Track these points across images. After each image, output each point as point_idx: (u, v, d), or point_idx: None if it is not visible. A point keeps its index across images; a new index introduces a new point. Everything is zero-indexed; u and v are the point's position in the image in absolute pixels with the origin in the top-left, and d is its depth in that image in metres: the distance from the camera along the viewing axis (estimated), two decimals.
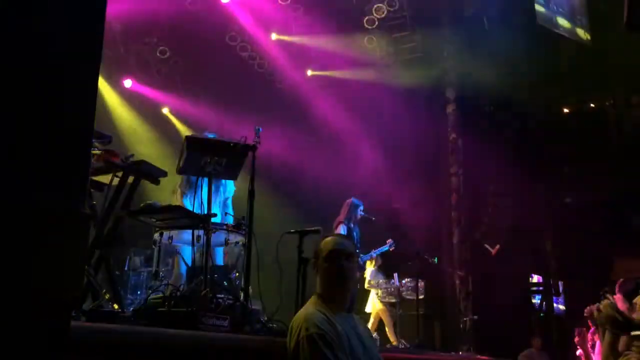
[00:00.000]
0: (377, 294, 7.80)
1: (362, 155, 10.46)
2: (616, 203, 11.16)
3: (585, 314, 4.80)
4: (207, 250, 3.76)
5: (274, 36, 10.48)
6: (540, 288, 12.18)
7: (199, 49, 9.98)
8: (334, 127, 10.62)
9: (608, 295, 3.90)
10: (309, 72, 11.27)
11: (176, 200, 5.30)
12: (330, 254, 2.62)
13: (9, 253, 0.99)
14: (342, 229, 6.76)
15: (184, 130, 10.17)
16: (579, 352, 5.67)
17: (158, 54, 9.98)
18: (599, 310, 3.61)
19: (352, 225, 6.87)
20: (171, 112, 10.52)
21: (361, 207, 7.05)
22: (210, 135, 5.35)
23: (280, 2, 9.75)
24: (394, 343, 7.25)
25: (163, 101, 10.40)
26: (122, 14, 8.59)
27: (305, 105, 10.75)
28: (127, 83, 9.82)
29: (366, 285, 7.89)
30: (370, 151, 10.49)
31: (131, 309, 4.01)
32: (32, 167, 1.07)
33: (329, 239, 2.72)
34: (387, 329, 7.64)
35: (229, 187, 5.51)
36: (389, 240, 7.54)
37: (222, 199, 5.41)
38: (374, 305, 7.82)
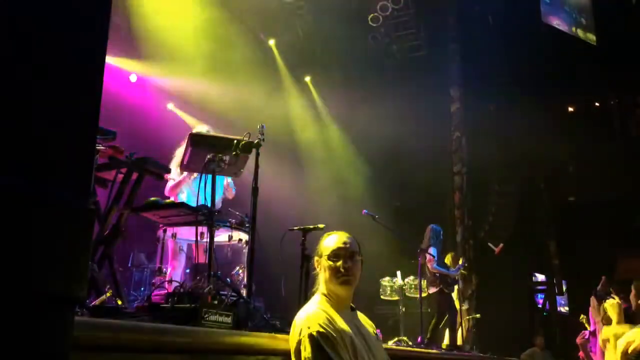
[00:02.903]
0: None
1: (364, 154, 10.45)
2: (620, 202, 11.13)
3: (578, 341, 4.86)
4: (210, 246, 3.77)
5: (270, 41, 10.48)
6: (544, 287, 12.17)
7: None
8: (336, 126, 10.62)
9: (613, 295, 3.88)
10: (307, 78, 11.26)
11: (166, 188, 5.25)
12: (334, 252, 2.61)
13: (12, 248, 0.99)
14: (434, 251, 7.43)
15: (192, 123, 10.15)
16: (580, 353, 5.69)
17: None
18: (605, 310, 3.60)
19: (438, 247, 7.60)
20: (176, 106, 10.49)
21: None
22: (202, 128, 5.31)
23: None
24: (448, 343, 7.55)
25: (167, 96, 10.38)
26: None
27: (308, 104, 10.75)
28: (132, 78, 9.82)
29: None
30: (373, 150, 10.48)
31: (134, 305, 4.01)
32: (35, 162, 1.07)
33: (331, 237, 2.70)
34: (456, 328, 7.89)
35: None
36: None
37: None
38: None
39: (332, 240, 2.66)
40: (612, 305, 3.51)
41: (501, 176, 11.00)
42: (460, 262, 7.99)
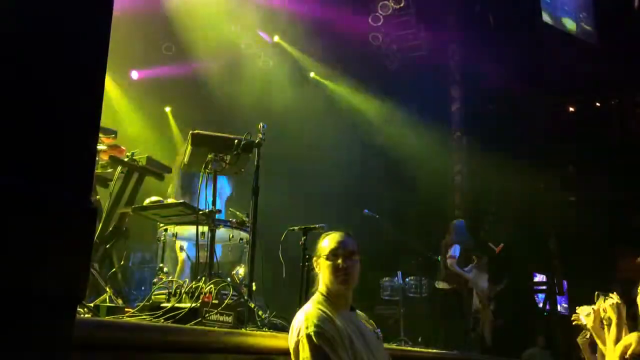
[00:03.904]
0: (476, 292, 7.94)
1: (366, 153, 10.45)
2: (620, 201, 11.13)
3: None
4: (211, 246, 3.77)
5: (275, 38, 10.48)
6: (544, 287, 12.15)
7: (205, 45, 9.96)
8: (338, 125, 10.60)
9: (612, 295, 3.87)
10: (312, 74, 11.25)
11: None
12: (332, 251, 2.60)
13: (13, 248, 0.99)
14: (456, 249, 7.36)
15: (177, 134, 10.18)
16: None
17: (163, 51, 9.99)
18: (604, 310, 3.59)
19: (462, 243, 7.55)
20: (173, 111, 10.50)
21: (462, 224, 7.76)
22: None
23: None
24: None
25: (166, 97, 10.39)
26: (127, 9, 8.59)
27: (309, 102, 10.73)
28: (134, 75, 9.85)
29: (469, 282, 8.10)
30: (375, 149, 10.48)
31: (135, 304, 4.02)
32: (35, 162, 1.07)
33: (330, 236, 2.70)
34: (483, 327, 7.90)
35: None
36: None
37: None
38: (475, 303, 7.99)
39: (331, 240, 2.66)
40: (612, 305, 3.50)
41: (501, 176, 10.99)
42: (475, 261, 7.95)
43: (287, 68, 10.79)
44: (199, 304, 3.07)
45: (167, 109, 10.46)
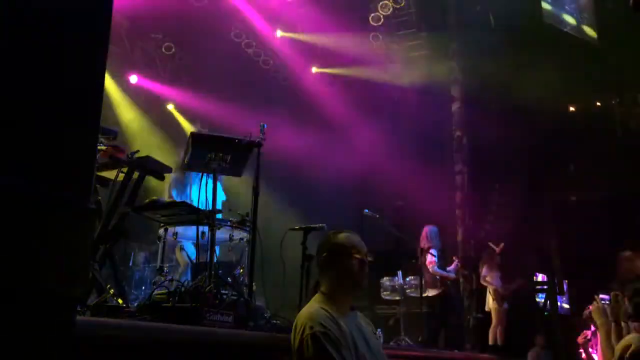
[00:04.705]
0: (489, 292, 7.94)
1: (366, 153, 10.44)
2: (621, 201, 11.12)
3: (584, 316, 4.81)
4: (211, 246, 3.77)
5: (279, 33, 10.49)
6: (545, 287, 12.14)
7: (205, 45, 9.98)
8: (338, 125, 10.61)
9: (596, 298, 3.87)
10: (314, 70, 11.27)
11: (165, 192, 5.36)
12: (360, 252, 2.56)
13: (14, 247, 0.99)
14: (434, 253, 7.34)
15: (188, 127, 10.23)
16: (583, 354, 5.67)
17: (164, 50, 9.99)
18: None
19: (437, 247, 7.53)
20: (176, 108, 10.52)
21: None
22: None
23: None
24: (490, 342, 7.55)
25: (168, 97, 10.41)
26: (128, 9, 8.60)
27: (309, 102, 10.74)
28: (133, 79, 9.83)
29: (481, 281, 8.10)
30: (375, 149, 10.48)
31: (135, 304, 4.01)
32: (35, 162, 1.07)
33: (346, 235, 2.63)
34: (491, 327, 7.87)
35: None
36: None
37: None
38: (487, 302, 8.00)
39: (354, 240, 2.60)
40: (597, 309, 3.51)
41: (502, 175, 10.99)
42: (455, 262, 7.92)
43: (288, 66, 10.82)
44: (198, 304, 3.07)
45: (170, 106, 10.49)
